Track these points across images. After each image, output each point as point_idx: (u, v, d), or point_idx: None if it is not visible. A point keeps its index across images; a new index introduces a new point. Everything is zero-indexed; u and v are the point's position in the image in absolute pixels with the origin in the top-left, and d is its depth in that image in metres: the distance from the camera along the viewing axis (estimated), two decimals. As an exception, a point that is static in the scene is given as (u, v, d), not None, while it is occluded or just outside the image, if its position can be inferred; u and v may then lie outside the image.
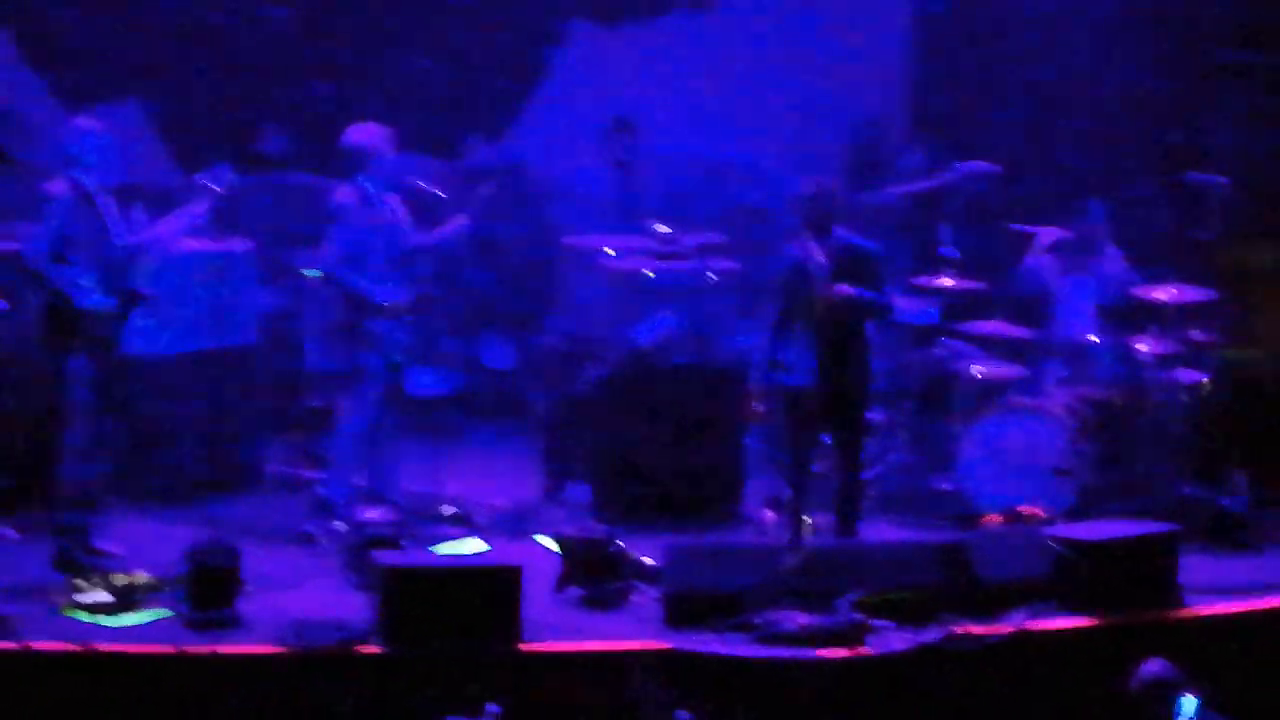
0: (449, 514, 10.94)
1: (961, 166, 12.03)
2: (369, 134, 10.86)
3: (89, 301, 10.00)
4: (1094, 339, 11.58)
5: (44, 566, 9.88)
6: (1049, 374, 11.68)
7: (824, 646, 9.16)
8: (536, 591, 9.47)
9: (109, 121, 10.46)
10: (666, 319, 11.61)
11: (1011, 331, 11.72)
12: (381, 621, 9.02)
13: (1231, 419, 11.64)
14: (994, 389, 11.53)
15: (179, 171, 13.15)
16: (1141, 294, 11.56)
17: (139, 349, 10.90)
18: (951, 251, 11.68)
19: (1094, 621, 9.58)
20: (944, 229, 11.74)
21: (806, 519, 10.30)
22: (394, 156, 10.90)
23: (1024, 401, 11.41)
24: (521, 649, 9.06)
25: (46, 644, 8.83)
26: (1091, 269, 11.92)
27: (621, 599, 9.78)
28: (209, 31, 13.57)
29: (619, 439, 11.30)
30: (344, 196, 10.86)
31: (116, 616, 9.23)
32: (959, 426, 11.42)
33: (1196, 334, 11.56)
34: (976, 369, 11.58)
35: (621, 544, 9.93)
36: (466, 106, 14.06)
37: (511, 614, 9.10)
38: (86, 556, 9.94)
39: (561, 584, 9.84)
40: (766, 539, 10.55)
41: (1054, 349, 11.80)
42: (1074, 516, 10.79)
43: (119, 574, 9.51)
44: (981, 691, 9.28)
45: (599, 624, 9.48)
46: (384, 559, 9.27)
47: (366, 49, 13.83)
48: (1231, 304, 12.00)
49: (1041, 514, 10.76)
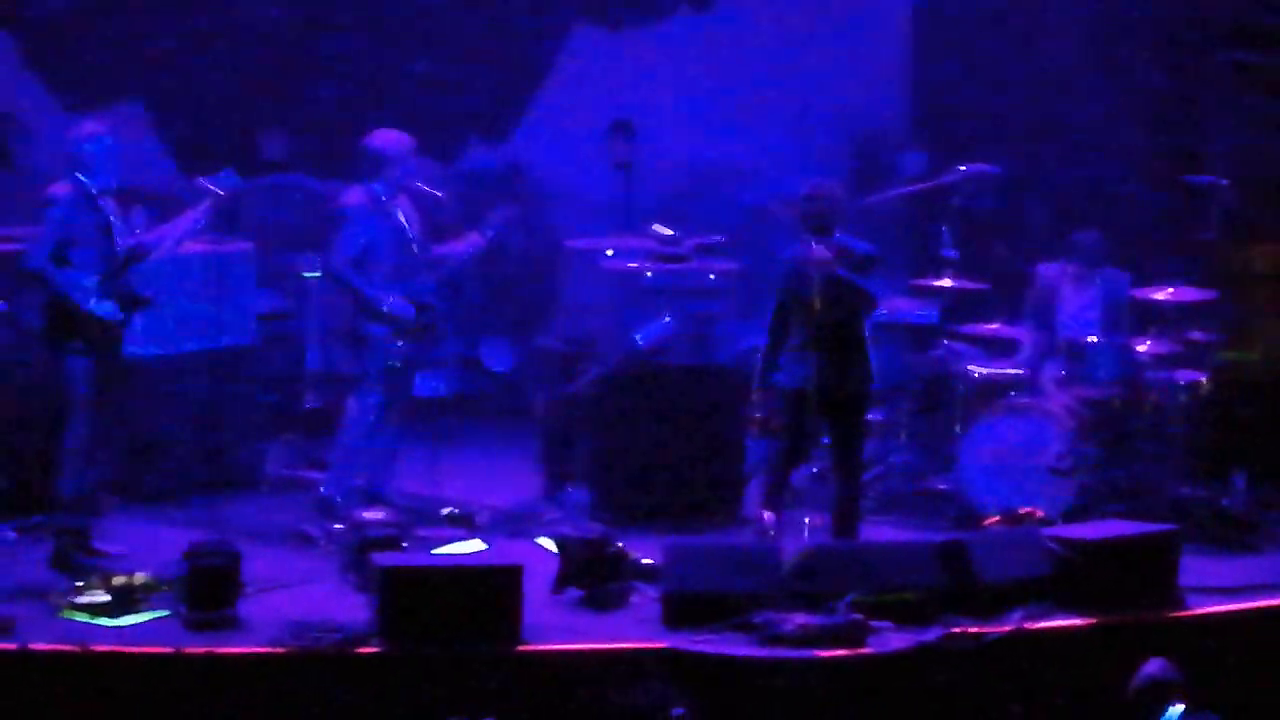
0: (449, 515, 10.95)
1: (961, 168, 12.02)
2: (392, 141, 10.83)
3: (90, 304, 10.00)
4: (1093, 339, 11.57)
5: (43, 567, 9.89)
6: (1048, 374, 11.68)
7: (824, 647, 9.13)
8: (536, 592, 9.45)
9: (110, 124, 10.46)
10: (666, 320, 11.61)
11: (1011, 332, 11.73)
12: (381, 622, 9.00)
13: (1230, 419, 11.65)
14: (993, 389, 11.52)
15: (180, 174, 13.17)
16: (1142, 297, 11.58)
17: (139, 350, 10.92)
18: (951, 253, 11.68)
19: (1093, 621, 9.57)
20: (944, 230, 11.74)
21: (807, 519, 10.33)
22: (412, 165, 10.88)
23: (1024, 402, 11.41)
24: (521, 650, 9.04)
25: (45, 645, 8.81)
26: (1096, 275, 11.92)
27: (621, 600, 9.76)
28: (209, 34, 13.57)
29: (618, 440, 11.30)
30: (354, 198, 10.84)
31: (115, 617, 9.21)
32: (959, 427, 11.42)
33: (1196, 334, 11.56)
34: (975, 369, 11.58)
35: (621, 545, 9.92)
36: (467, 109, 14.05)
37: (511, 615, 9.08)
38: (85, 557, 9.94)
39: (560, 585, 9.83)
40: (766, 540, 10.54)
41: (1054, 349, 11.81)
42: (1073, 517, 10.78)
43: (118, 575, 9.49)
44: (981, 691, 9.26)
45: (598, 625, 9.46)
46: (383, 560, 9.25)
47: (367, 51, 13.83)
48: (1231, 305, 12.01)
49: (1041, 514, 10.75)
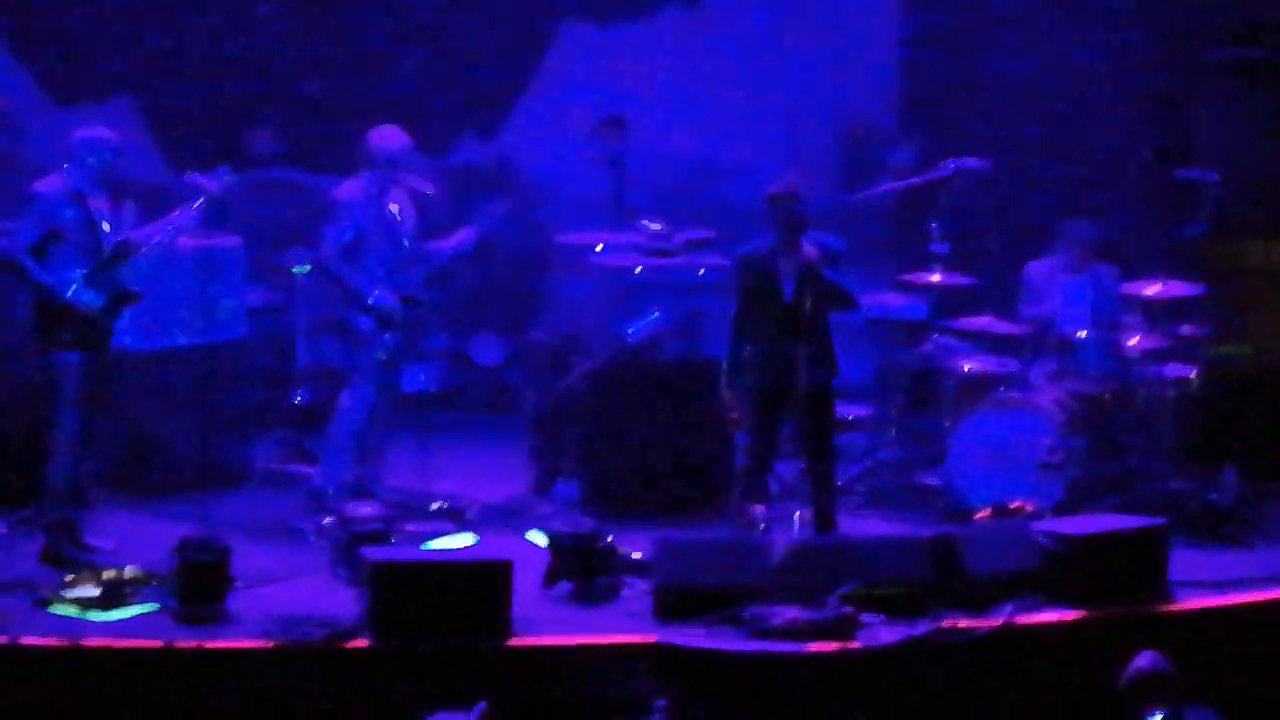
0: (438, 509, 10.95)
1: (951, 163, 12.01)
2: (387, 137, 10.86)
3: (71, 296, 9.99)
4: (1083, 334, 11.58)
5: (33, 561, 9.89)
6: (1038, 369, 11.68)
7: (813, 641, 9.15)
8: (526, 587, 9.46)
9: (101, 119, 10.45)
10: (656, 315, 11.61)
11: (1001, 327, 11.73)
12: (370, 617, 9.00)
13: (1220, 414, 11.67)
14: (983, 384, 11.53)
15: (170, 169, 13.15)
16: (1132, 292, 11.59)
17: (129, 345, 10.92)
18: (941, 248, 11.69)
19: (1083, 615, 9.59)
20: (933, 226, 11.74)
21: (797, 514, 10.33)
22: (407, 162, 10.89)
23: (1013, 397, 11.41)
24: (511, 644, 9.05)
25: (35, 639, 8.81)
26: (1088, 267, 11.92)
27: (611, 594, 9.77)
28: (200, 29, 13.55)
29: (608, 434, 11.30)
30: (346, 191, 10.86)
31: (105, 611, 9.22)
32: (948, 422, 11.42)
33: (1186, 329, 11.57)
34: (965, 364, 11.58)
35: (611, 539, 9.93)
36: (458, 104, 14.03)
37: (501, 609, 9.09)
38: (75, 551, 9.94)
39: (551, 579, 9.83)
40: (756, 534, 10.53)
41: (1044, 344, 11.81)
42: (1063, 511, 10.79)
43: (108, 569, 9.50)
44: (971, 685, 9.27)
45: (588, 619, 9.47)
46: (373, 554, 9.26)
47: (357, 46, 13.82)
48: (1221, 299, 12.01)
49: (1030, 508, 10.76)
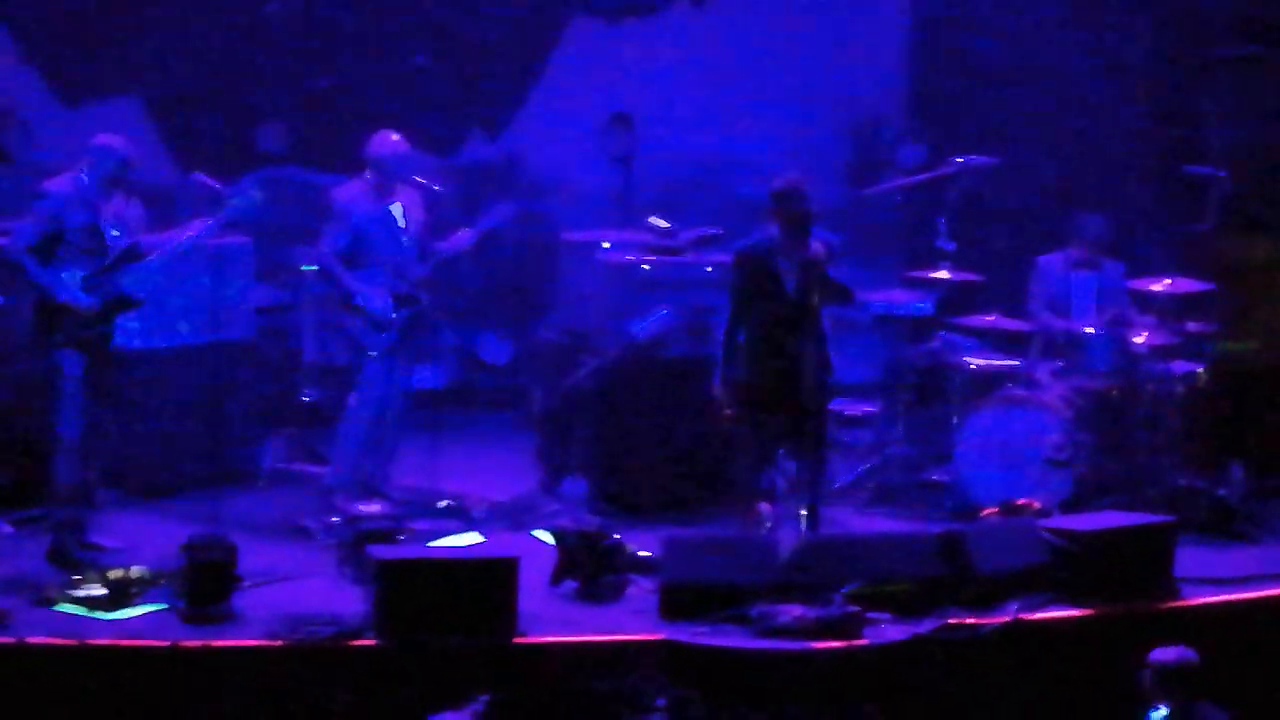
0: (445, 507, 10.95)
1: (958, 160, 12.00)
2: (383, 142, 10.88)
3: (67, 296, 9.98)
4: (1090, 330, 11.56)
5: (39, 561, 9.89)
6: (1045, 366, 11.67)
7: (820, 638, 9.15)
8: (532, 585, 9.46)
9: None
10: (663, 313, 11.60)
11: (1008, 323, 11.72)
12: (377, 615, 9.01)
13: (1227, 410, 11.65)
14: (990, 381, 11.51)
15: (177, 168, 13.16)
16: (1139, 288, 11.58)
17: (137, 343, 10.93)
18: (948, 244, 11.67)
19: (1090, 612, 9.59)
20: (941, 222, 11.73)
21: (802, 512, 10.31)
22: (406, 166, 10.90)
23: (1021, 393, 11.39)
24: (517, 642, 9.05)
25: (41, 638, 8.82)
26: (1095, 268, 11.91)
27: (617, 592, 9.77)
28: (207, 28, 13.55)
29: (616, 432, 11.30)
30: (345, 194, 10.89)
31: (111, 611, 9.22)
32: (955, 418, 11.40)
33: (1193, 325, 11.55)
34: (972, 361, 11.57)
35: (618, 537, 9.93)
36: (466, 102, 14.04)
37: (507, 607, 9.08)
38: (81, 551, 9.95)
39: (557, 577, 9.83)
40: (762, 531, 10.53)
41: (1052, 340, 11.80)
42: (1070, 508, 10.79)
43: (114, 568, 9.50)
44: (978, 683, 9.27)
45: (595, 617, 9.47)
46: (380, 553, 9.25)
47: (365, 45, 13.82)
48: (1228, 296, 12.00)
49: (1038, 505, 10.75)
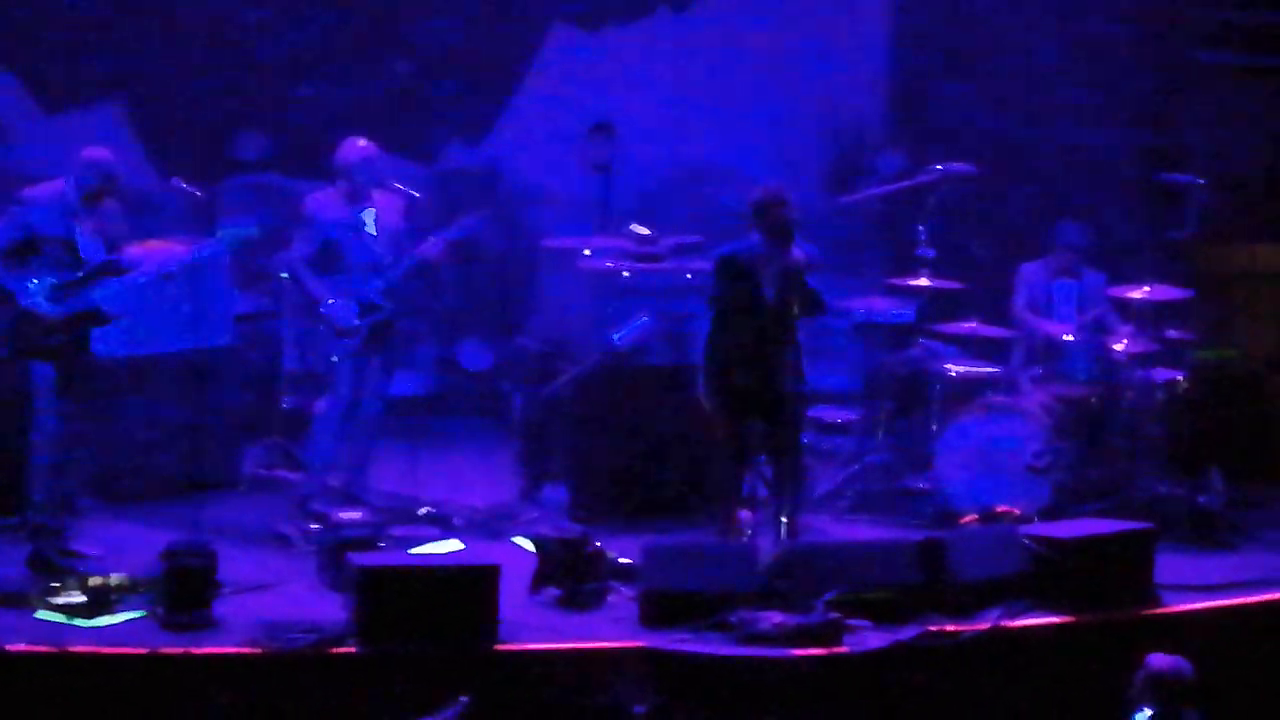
0: (426, 515, 10.94)
1: (938, 167, 12.02)
2: (353, 148, 10.84)
3: (27, 302, 9.93)
4: (1069, 337, 11.59)
5: (18, 568, 9.86)
6: (1025, 373, 11.69)
7: (801, 645, 9.14)
8: (513, 592, 9.45)
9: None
10: (644, 320, 11.60)
11: (988, 331, 11.73)
12: (357, 623, 8.99)
13: (1207, 418, 11.68)
14: (971, 388, 11.53)
15: (157, 174, 13.15)
16: (1119, 296, 11.60)
17: (116, 351, 10.89)
18: (928, 252, 11.69)
19: (1070, 620, 9.60)
20: (921, 230, 11.74)
21: (783, 519, 10.33)
22: (376, 172, 10.85)
23: (1001, 401, 11.41)
24: (498, 649, 9.04)
25: (20, 645, 8.79)
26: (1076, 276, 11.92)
27: (598, 599, 9.76)
28: (187, 34, 13.54)
29: (596, 440, 11.29)
30: (315, 201, 10.87)
31: (90, 617, 9.20)
32: (936, 426, 11.42)
33: (1172, 333, 11.58)
34: (953, 368, 11.58)
35: (598, 544, 9.92)
36: (446, 109, 14.03)
37: (488, 614, 9.08)
38: (61, 558, 9.91)
39: (538, 584, 9.82)
40: (743, 538, 10.53)
41: (1032, 348, 11.81)
42: (1050, 515, 10.80)
43: (93, 575, 9.48)
44: (958, 690, 9.27)
45: (575, 624, 9.46)
46: (360, 560, 9.24)
47: (345, 51, 13.81)
48: (1207, 303, 12.03)
49: (1018, 513, 10.78)
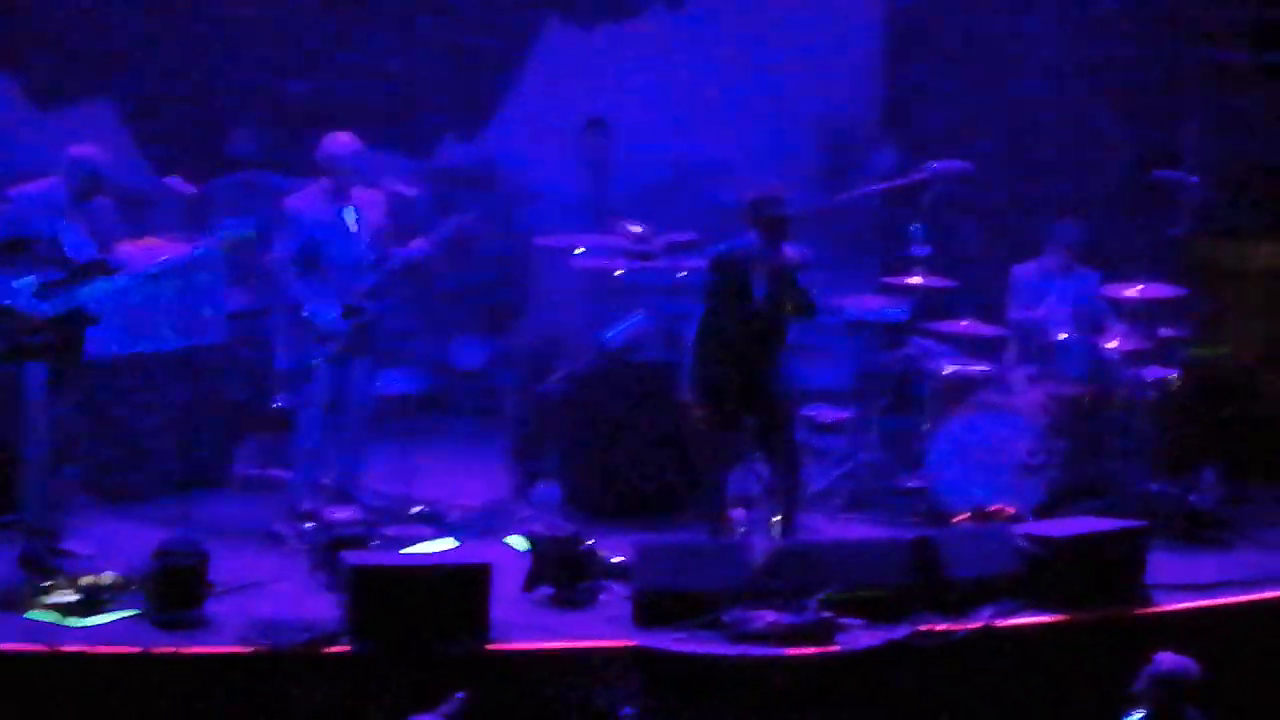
0: (419, 513, 10.93)
1: (933, 165, 12.02)
2: (340, 143, 10.79)
3: (9, 300, 9.90)
4: (1063, 336, 11.60)
5: (10, 567, 9.85)
6: (1018, 371, 11.69)
7: (793, 644, 9.16)
8: (506, 591, 9.46)
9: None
10: (637, 318, 11.60)
11: (981, 329, 11.74)
12: (350, 621, 9.00)
13: (1200, 416, 11.69)
14: (963, 387, 11.53)
15: (150, 171, 13.14)
16: (1112, 294, 11.61)
17: (108, 349, 10.89)
18: (922, 250, 11.69)
19: (1063, 618, 9.60)
20: (915, 228, 11.74)
21: (776, 518, 10.33)
22: (361, 169, 10.81)
23: (993, 399, 11.42)
24: (490, 648, 9.04)
25: (12, 644, 8.79)
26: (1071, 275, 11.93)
27: (591, 598, 9.77)
28: (180, 31, 13.53)
29: (589, 438, 11.30)
30: (298, 200, 10.83)
31: (82, 617, 9.20)
32: (928, 424, 11.43)
33: (1166, 331, 11.59)
34: (946, 367, 11.59)
35: (591, 543, 9.92)
36: (440, 106, 14.02)
37: (480, 613, 9.09)
38: (53, 557, 9.91)
39: (531, 583, 9.83)
40: (737, 537, 10.54)
41: (1025, 346, 11.82)
42: (1043, 514, 10.82)
43: (85, 574, 9.48)
44: (951, 689, 9.29)
45: (568, 623, 9.47)
46: (353, 559, 9.25)
47: (339, 48, 13.80)
48: (1200, 301, 12.04)
49: (1011, 511, 10.78)
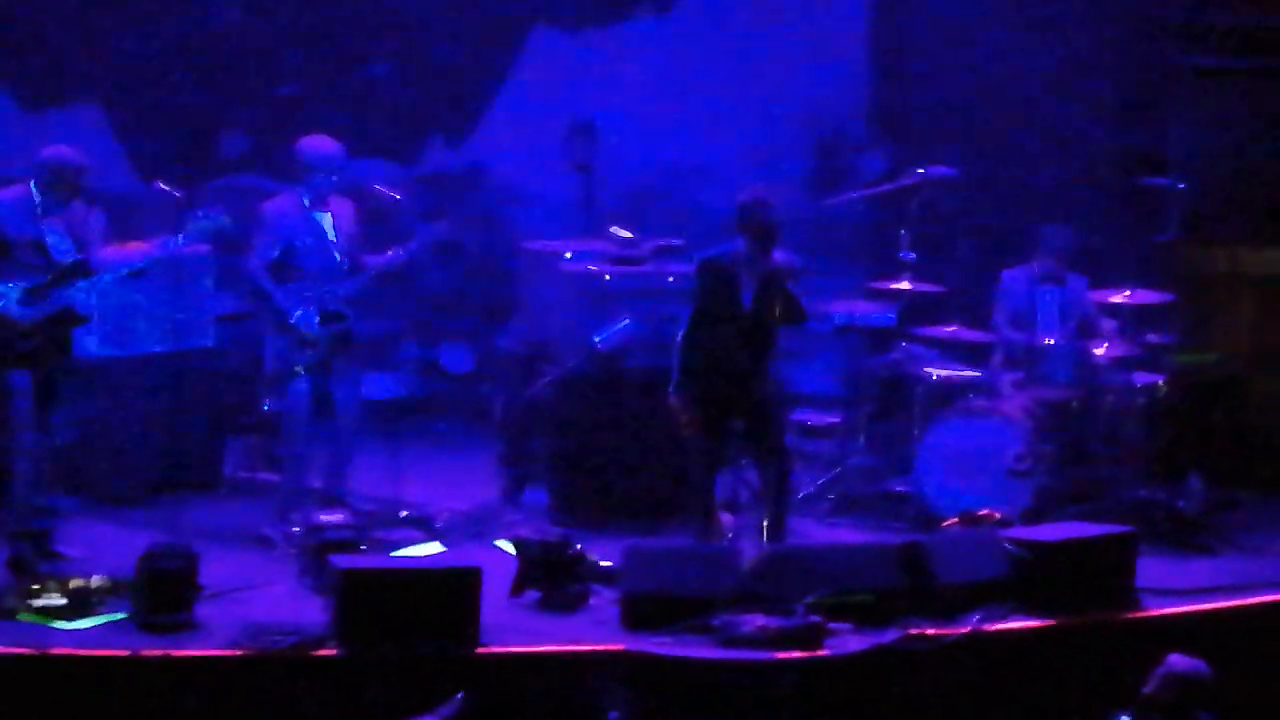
0: (407, 517, 10.93)
1: (920, 170, 12.04)
2: (316, 146, 10.74)
3: (2, 308, 9.87)
4: (1050, 341, 11.62)
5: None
6: (1006, 377, 11.71)
7: (782, 648, 9.15)
8: (494, 594, 9.45)
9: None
10: (625, 323, 11.60)
11: (969, 334, 11.76)
12: (338, 625, 8.99)
13: (1187, 421, 11.72)
14: (952, 392, 11.55)
15: (139, 176, 13.14)
16: (1099, 300, 11.63)
17: (97, 352, 10.88)
18: (910, 255, 11.71)
19: (1051, 623, 9.61)
20: (903, 233, 11.76)
21: (764, 522, 10.34)
22: (339, 172, 10.75)
23: (982, 404, 11.43)
24: (479, 652, 9.04)
25: (1, 648, 8.76)
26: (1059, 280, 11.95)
27: (579, 602, 9.77)
28: (169, 36, 13.52)
29: (578, 442, 11.29)
30: (276, 205, 10.78)
31: (71, 620, 9.18)
32: (917, 429, 11.44)
33: (1153, 337, 11.61)
34: (934, 372, 11.60)
35: (580, 547, 9.93)
36: (427, 111, 14.03)
37: (469, 617, 9.07)
38: (45, 560, 9.89)
39: (519, 587, 9.83)
40: (724, 541, 10.54)
41: (1013, 352, 11.83)
42: (1031, 518, 10.82)
43: (74, 577, 9.46)
44: (939, 693, 9.29)
45: (557, 627, 9.46)
46: (341, 562, 9.23)
47: (327, 53, 13.80)
48: (1188, 307, 12.06)
49: (998, 516, 10.78)
